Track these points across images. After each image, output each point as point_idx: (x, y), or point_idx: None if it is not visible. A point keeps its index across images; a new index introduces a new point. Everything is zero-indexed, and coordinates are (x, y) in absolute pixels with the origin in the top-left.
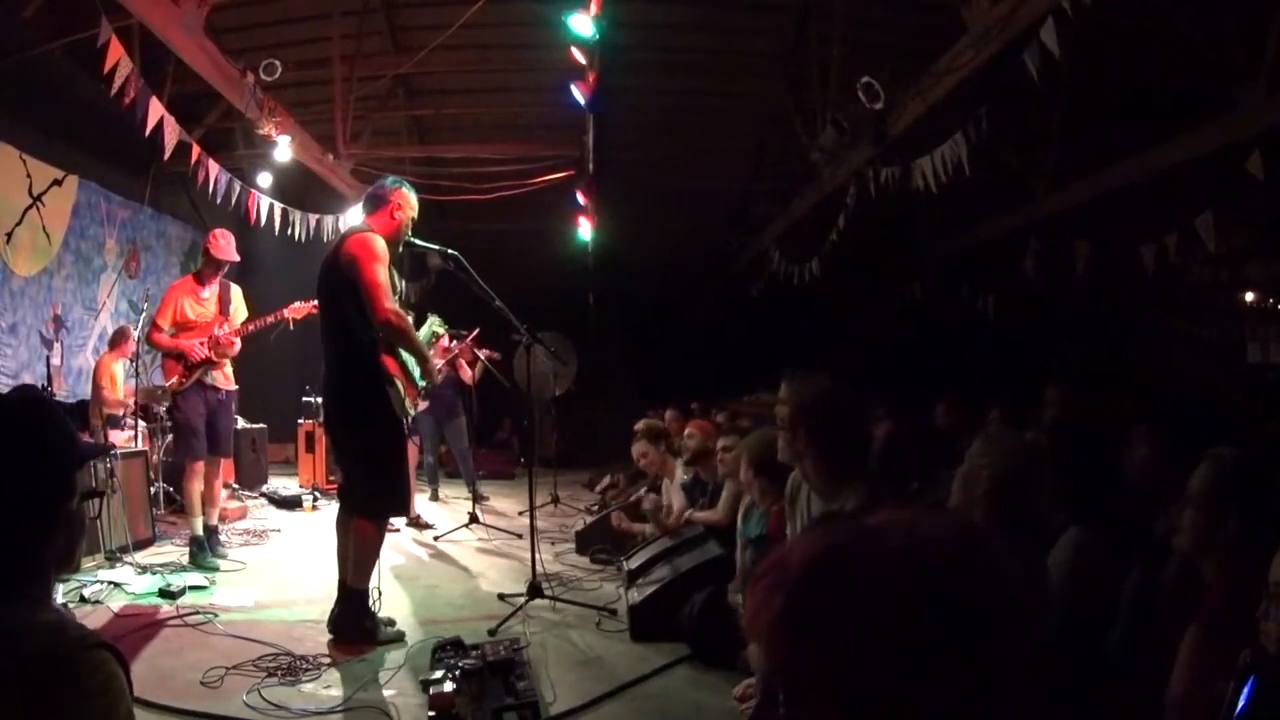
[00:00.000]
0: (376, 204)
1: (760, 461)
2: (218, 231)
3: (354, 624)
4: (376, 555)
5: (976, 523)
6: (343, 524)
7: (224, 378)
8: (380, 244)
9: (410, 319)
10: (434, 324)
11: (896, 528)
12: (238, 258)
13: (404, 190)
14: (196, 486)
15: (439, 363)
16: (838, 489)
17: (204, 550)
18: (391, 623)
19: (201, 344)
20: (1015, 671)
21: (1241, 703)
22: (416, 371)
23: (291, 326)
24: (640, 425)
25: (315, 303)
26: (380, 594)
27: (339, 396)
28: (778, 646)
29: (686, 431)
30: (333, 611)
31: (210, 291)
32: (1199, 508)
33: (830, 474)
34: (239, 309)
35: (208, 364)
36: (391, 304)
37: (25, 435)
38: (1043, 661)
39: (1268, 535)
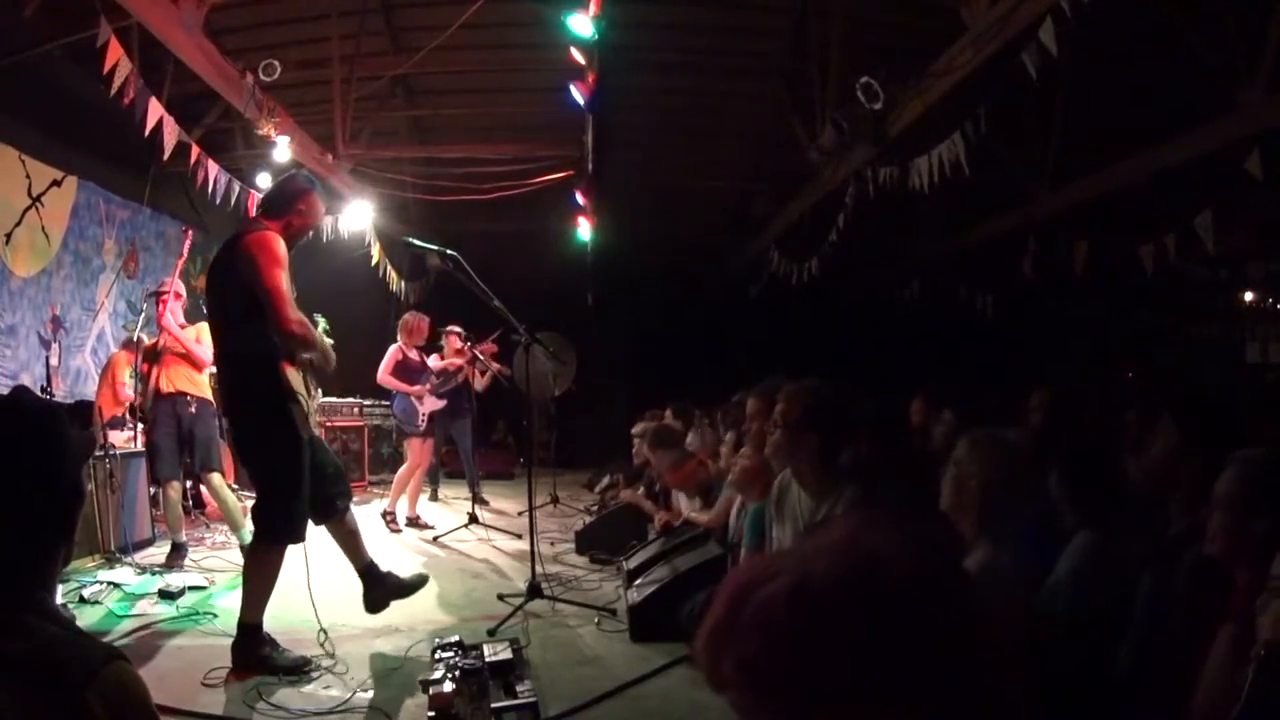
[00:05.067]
0: (278, 204)
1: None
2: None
3: (250, 654)
4: (270, 585)
5: (879, 552)
6: (335, 525)
7: (191, 385)
8: (281, 245)
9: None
10: (322, 325)
11: (794, 561)
12: (167, 289)
13: (314, 196)
14: (176, 506)
15: (457, 362)
16: (830, 489)
17: (179, 555)
18: (306, 661)
19: (146, 365)
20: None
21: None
22: (316, 393)
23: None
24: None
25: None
26: (326, 635)
27: (236, 412)
28: (707, 668)
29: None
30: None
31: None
32: (1229, 511)
33: (827, 475)
34: (202, 344)
35: (155, 363)
36: (295, 313)
37: (46, 442)
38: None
39: None
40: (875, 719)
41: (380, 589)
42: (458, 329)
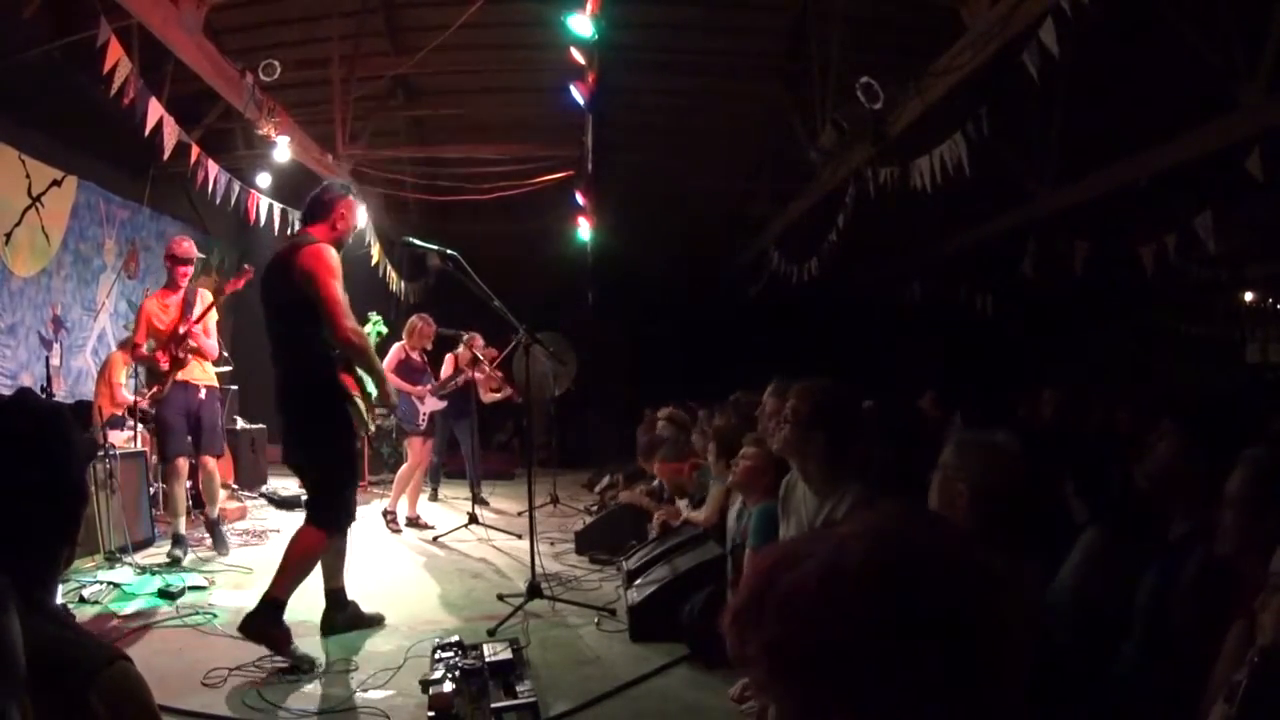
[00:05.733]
0: (320, 212)
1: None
2: (178, 237)
3: (263, 626)
4: (309, 570)
5: (902, 541)
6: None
7: (202, 373)
8: (335, 257)
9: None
10: (377, 324)
11: (825, 546)
12: (196, 255)
13: (351, 200)
14: (180, 487)
15: (464, 377)
16: (836, 487)
17: (181, 546)
18: (310, 661)
19: (163, 354)
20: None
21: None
22: (373, 391)
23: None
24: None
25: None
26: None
27: (297, 413)
28: (732, 648)
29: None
30: (248, 613)
31: (174, 299)
32: (1239, 509)
33: (833, 473)
34: (209, 336)
35: (176, 364)
36: (352, 323)
37: (50, 444)
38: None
39: None
40: (894, 707)
41: (341, 614)
42: (481, 339)
